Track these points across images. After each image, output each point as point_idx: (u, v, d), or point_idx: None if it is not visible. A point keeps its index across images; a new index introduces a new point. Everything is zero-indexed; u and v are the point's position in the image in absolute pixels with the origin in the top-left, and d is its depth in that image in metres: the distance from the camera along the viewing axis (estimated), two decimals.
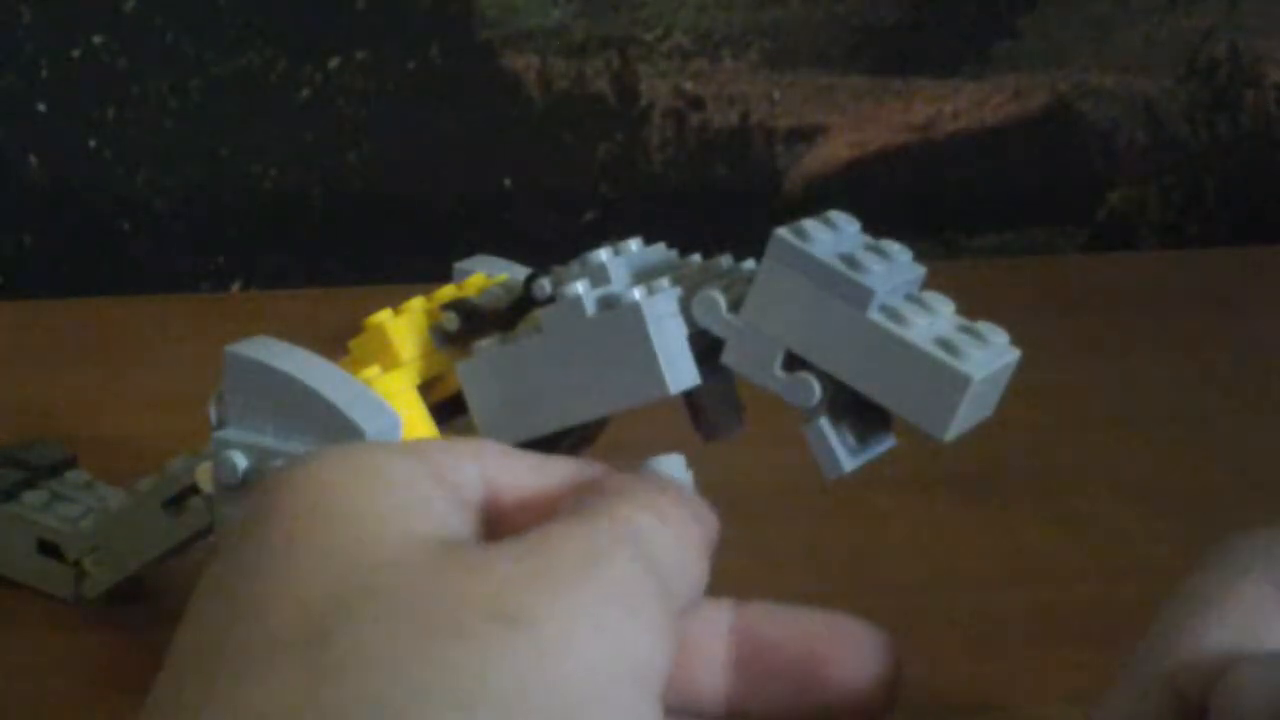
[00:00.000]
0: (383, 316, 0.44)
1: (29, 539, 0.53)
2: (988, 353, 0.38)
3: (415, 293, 0.46)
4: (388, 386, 0.43)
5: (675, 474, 0.38)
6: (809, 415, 0.39)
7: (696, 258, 0.44)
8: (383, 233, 0.91)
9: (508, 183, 0.92)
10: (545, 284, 0.42)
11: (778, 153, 0.94)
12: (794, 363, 0.39)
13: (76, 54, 0.86)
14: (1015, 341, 0.39)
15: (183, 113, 0.87)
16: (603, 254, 0.41)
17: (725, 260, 0.43)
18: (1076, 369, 0.75)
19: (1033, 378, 0.42)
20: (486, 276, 0.47)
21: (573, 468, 0.29)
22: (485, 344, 0.42)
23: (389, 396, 0.42)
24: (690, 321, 0.40)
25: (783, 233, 0.38)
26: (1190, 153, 0.98)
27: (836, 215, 0.39)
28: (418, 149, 0.90)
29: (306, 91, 0.88)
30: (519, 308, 0.43)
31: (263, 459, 0.42)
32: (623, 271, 0.41)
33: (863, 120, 0.94)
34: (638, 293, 0.40)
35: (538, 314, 0.41)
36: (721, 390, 0.44)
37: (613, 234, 0.44)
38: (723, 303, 0.39)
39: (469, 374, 0.42)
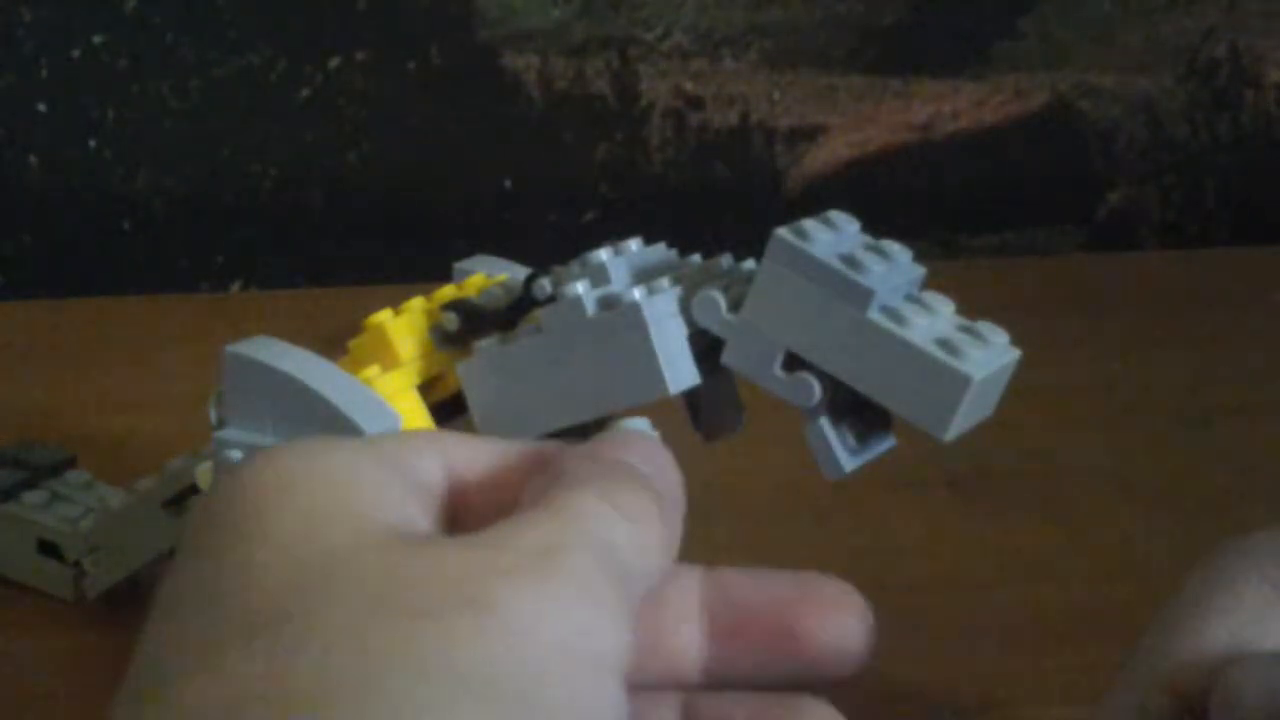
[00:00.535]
0: (383, 316, 0.44)
1: (29, 539, 0.53)
2: (988, 353, 0.38)
3: (415, 293, 0.46)
4: (388, 386, 0.43)
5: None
6: (809, 415, 0.39)
7: (696, 258, 0.44)
8: (383, 233, 0.91)
9: (508, 183, 0.92)
10: (545, 284, 0.42)
11: (778, 153, 0.94)
12: (794, 363, 0.39)
13: (76, 54, 0.86)
14: (1015, 341, 0.39)
15: (183, 113, 0.87)
16: (603, 254, 0.41)
17: (725, 260, 0.43)
18: (1076, 369, 0.75)
19: (1033, 378, 0.42)
20: (486, 276, 0.47)
21: (533, 450, 0.30)
22: (485, 344, 0.42)
23: (389, 396, 0.42)
24: (690, 321, 0.40)
25: (783, 233, 0.38)
26: (1190, 153, 0.98)
27: (836, 215, 0.39)
28: (418, 149, 0.90)
29: (306, 91, 0.88)
30: (519, 308, 0.43)
31: None
32: (623, 271, 0.41)
33: (863, 120, 0.94)
34: (638, 293, 0.40)
35: (538, 314, 0.41)
36: (721, 390, 0.44)
37: (613, 234, 0.44)
38: (723, 303, 0.39)
39: (469, 374, 0.42)
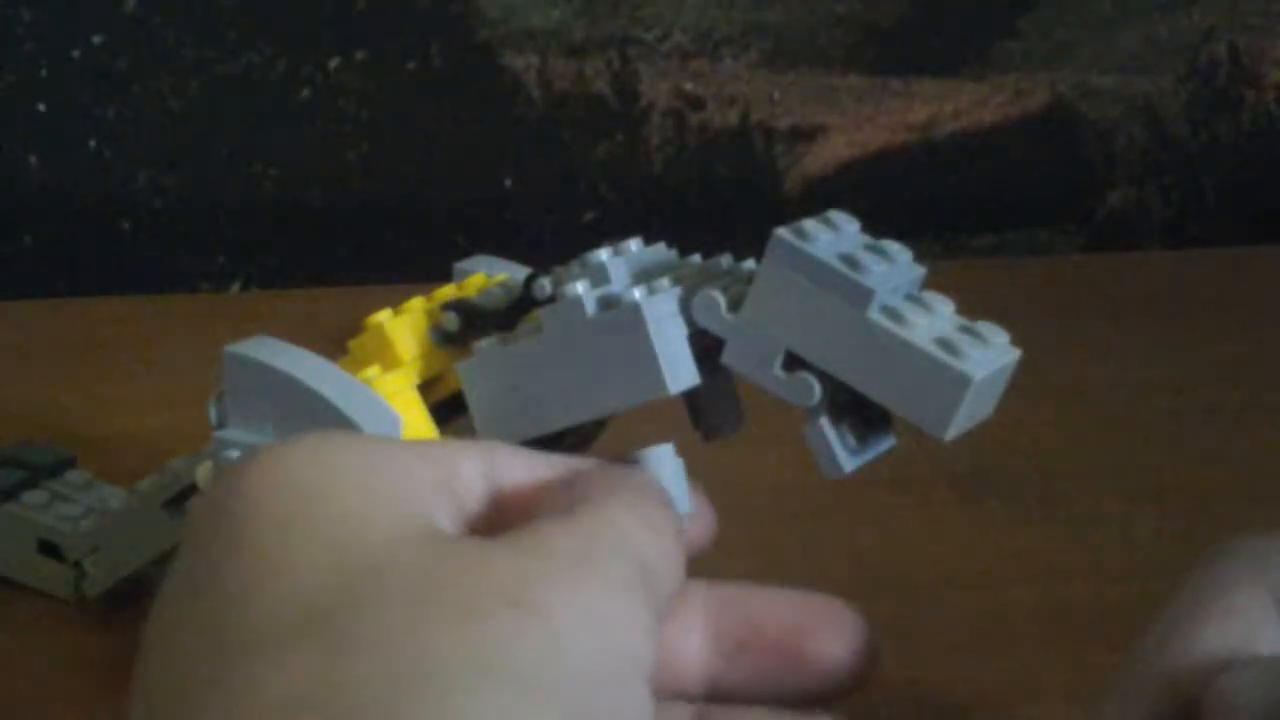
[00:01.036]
0: (383, 316, 0.44)
1: (29, 539, 0.53)
2: (988, 353, 0.38)
3: (415, 293, 0.46)
4: (388, 386, 0.43)
5: (666, 462, 0.38)
6: (809, 415, 0.39)
7: (696, 258, 0.44)
8: (383, 233, 0.91)
9: (508, 183, 0.92)
10: (545, 284, 0.42)
11: (778, 153, 0.94)
12: (794, 363, 0.39)
13: (76, 54, 0.86)
14: (1015, 341, 0.39)
15: (183, 113, 0.87)
16: (603, 254, 0.41)
17: (725, 260, 0.43)
18: (1076, 369, 0.75)
19: (1033, 378, 0.42)
20: (486, 276, 0.47)
21: (570, 463, 0.30)
22: (485, 344, 0.42)
23: (389, 396, 0.42)
24: (690, 321, 0.40)
25: (782, 232, 0.38)
26: (1190, 153, 0.98)
27: (836, 215, 0.39)
28: (418, 149, 0.90)
29: (306, 91, 0.88)
30: (519, 308, 0.43)
31: None
32: (623, 271, 0.41)
33: (863, 120, 0.94)
34: (638, 293, 0.39)
35: (538, 314, 0.41)
36: (721, 390, 0.44)
37: (613, 234, 0.44)
38: (723, 303, 0.39)
39: (469, 374, 0.42)
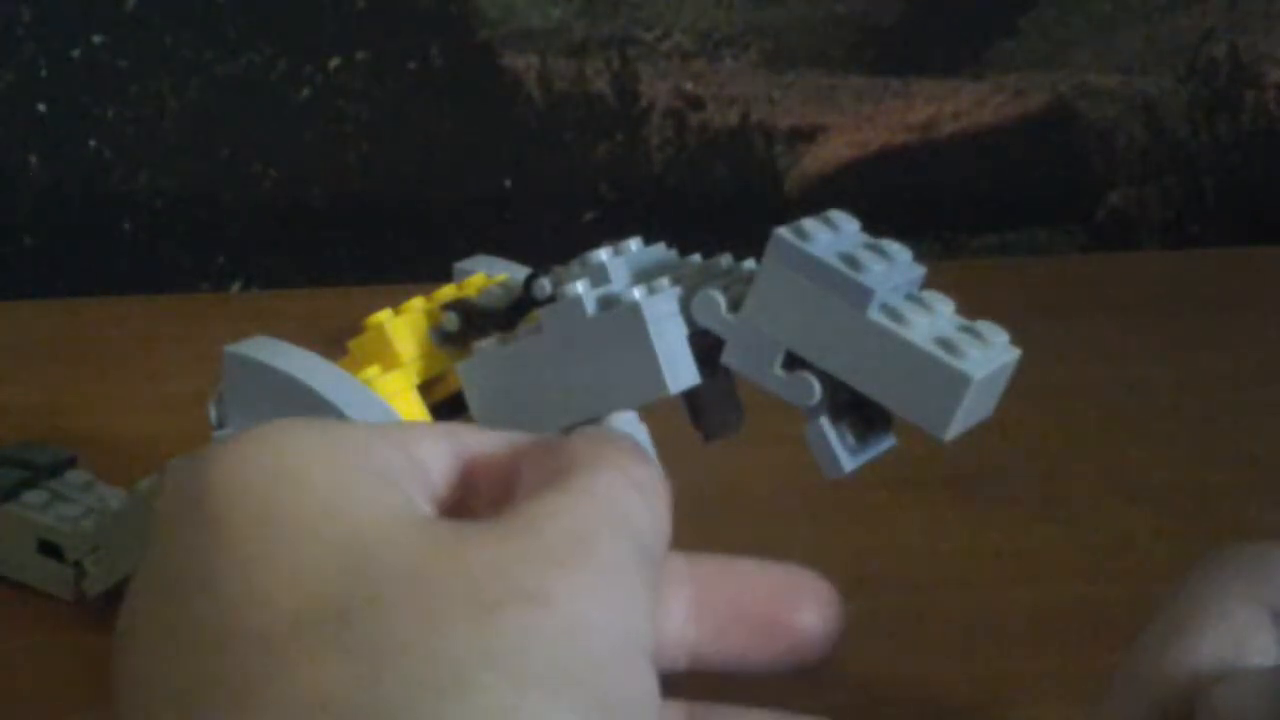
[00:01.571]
0: (383, 316, 0.44)
1: (29, 539, 0.53)
2: (988, 352, 0.38)
3: (415, 293, 0.46)
4: (388, 386, 0.43)
5: (630, 429, 0.38)
6: (809, 415, 0.39)
7: (696, 258, 0.44)
8: (383, 233, 0.91)
9: (508, 183, 0.92)
10: (545, 284, 0.42)
11: (778, 153, 0.94)
12: (794, 363, 0.39)
13: (76, 54, 0.86)
14: (1015, 341, 0.39)
15: (183, 113, 0.87)
16: (603, 254, 0.41)
17: (725, 260, 0.43)
18: (1076, 369, 0.75)
19: (1033, 378, 0.42)
20: (486, 276, 0.47)
21: (543, 440, 0.30)
22: (485, 344, 0.42)
23: (389, 396, 0.42)
24: (690, 321, 0.40)
25: (782, 232, 0.38)
26: (1190, 153, 0.98)
27: (836, 215, 0.39)
28: (418, 149, 0.90)
29: (306, 91, 0.88)
30: (519, 308, 0.43)
31: None
32: (623, 271, 0.41)
33: (863, 120, 0.94)
34: (638, 293, 0.40)
35: (538, 314, 0.41)
36: (721, 390, 0.44)
37: (613, 234, 0.44)
38: (723, 303, 0.39)
39: (469, 374, 0.42)
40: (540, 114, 0.91)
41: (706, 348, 0.40)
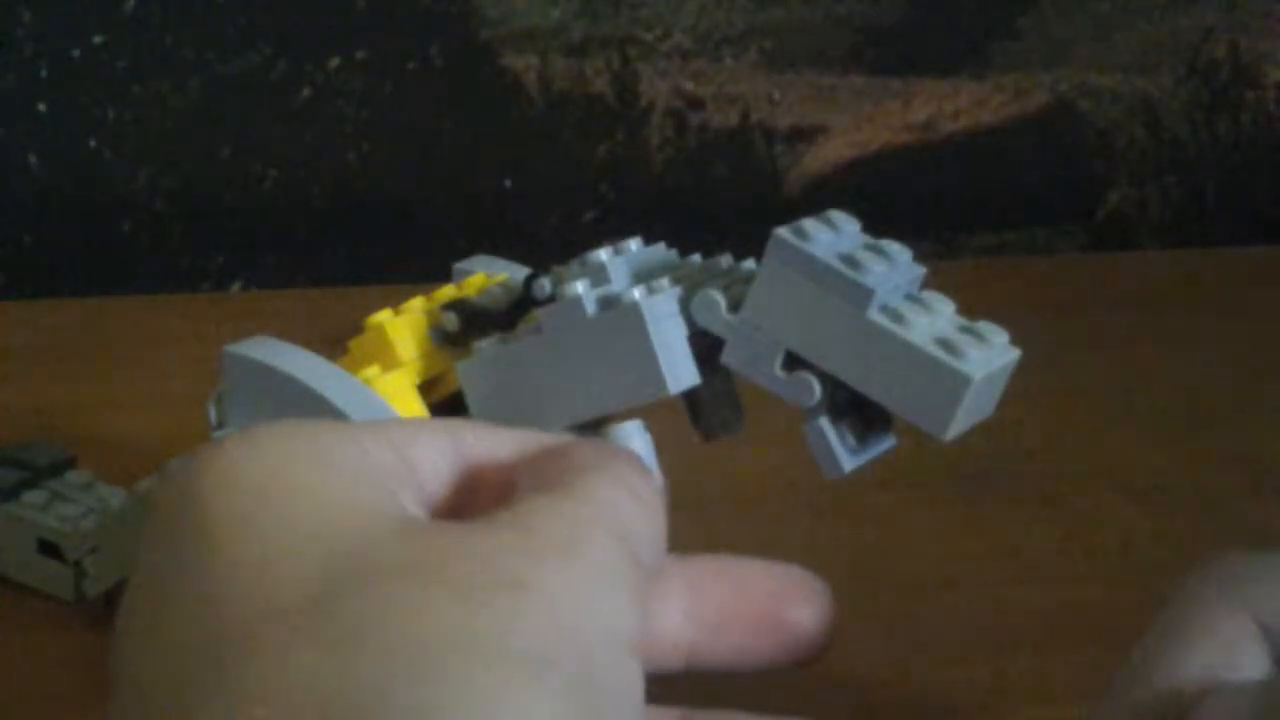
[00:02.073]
0: (383, 316, 0.44)
1: (29, 539, 0.53)
2: (988, 352, 0.38)
3: (415, 293, 0.46)
4: (388, 386, 0.43)
5: (635, 438, 0.38)
6: (809, 415, 0.39)
7: (696, 258, 0.44)
8: (383, 233, 0.91)
9: (508, 183, 0.92)
10: (545, 284, 0.42)
11: (778, 153, 0.94)
12: (794, 362, 0.39)
13: (76, 54, 0.86)
14: (1015, 341, 0.39)
15: (183, 113, 0.87)
16: (603, 254, 0.41)
17: (725, 260, 0.43)
18: (1076, 369, 0.75)
19: (1033, 378, 0.42)
20: (486, 276, 0.47)
21: (549, 440, 0.30)
22: (485, 344, 0.42)
23: (389, 396, 0.42)
24: (690, 321, 0.40)
25: (782, 232, 0.38)
26: (1190, 153, 0.98)
27: (836, 215, 0.39)
28: (418, 149, 0.90)
29: (306, 91, 0.88)
30: (519, 308, 0.43)
31: None
32: (623, 271, 0.41)
33: (863, 120, 0.94)
34: (638, 293, 0.39)
35: (538, 314, 0.41)
36: (721, 390, 0.44)
37: (613, 234, 0.44)
38: (723, 303, 0.39)
39: (469, 374, 0.42)
40: (540, 114, 0.91)
41: (706, 348, 0.40)
